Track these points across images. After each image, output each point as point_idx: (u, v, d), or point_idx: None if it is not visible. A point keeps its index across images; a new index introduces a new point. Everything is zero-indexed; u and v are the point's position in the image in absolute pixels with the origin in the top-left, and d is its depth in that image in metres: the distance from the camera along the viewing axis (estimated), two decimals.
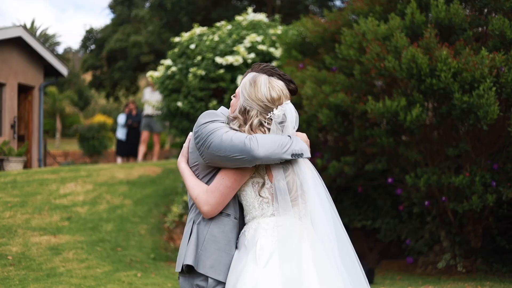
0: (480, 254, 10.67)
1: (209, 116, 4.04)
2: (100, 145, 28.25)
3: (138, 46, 29.40)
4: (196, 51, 12.85)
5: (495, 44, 9.32)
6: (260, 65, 4.22)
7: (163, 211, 13.30)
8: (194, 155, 4.06)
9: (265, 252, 3.84)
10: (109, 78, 31.83)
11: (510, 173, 9.23)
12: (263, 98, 3.93)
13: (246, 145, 3.79)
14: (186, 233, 4.08)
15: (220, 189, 3.93)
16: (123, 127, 21.85)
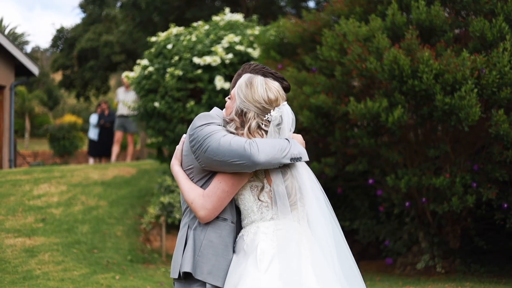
0: (458, 255, 10.73)
1: (205, 118, 3.95)
2: (71, 145, 27.96)
3: (109, 46, 29.16)
4: (173, 51, 12.75)
5: (475, 45, 9.37)
6: (251, 65, 4.17)
7: (139, 212, 13.17)
8: (188, 158, 3.98)
9: (266, 257, 3.78)
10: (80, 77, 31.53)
11: (490, 174, 9.28)
12: (260, 100, 3.87)
13: (246, 150, 3.72)
14: (181, 238, 3.99)
15: (217, 194, 3.85)
16: (95, 127, 21.64)
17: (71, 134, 27.96)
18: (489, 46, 9.25)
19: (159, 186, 13.06)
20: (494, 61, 8.86)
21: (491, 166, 9.24)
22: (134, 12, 20.27)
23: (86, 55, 30.37)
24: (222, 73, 12.36)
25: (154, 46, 13.49)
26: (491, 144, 9.28)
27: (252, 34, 12.95)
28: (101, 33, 29.53)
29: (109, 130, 21.34)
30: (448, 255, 10.70)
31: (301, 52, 11.24)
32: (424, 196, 9.85)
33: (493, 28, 9.13)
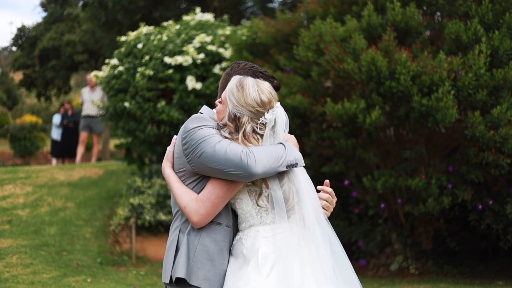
0: (431, 256, 10.78)
1: (198, 121, 3.84)
2: (32, 145, 27.48)
3: (71, 45, 28.80)
4: (144, 51, 12.59)
5: (450, 47, 9.43)
6: (240, 65, 4.06)
7: (107, 214, 12.97)
8: (180, 160, 3.87)
9: (268, 261, 3.71)
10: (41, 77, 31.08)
11: (465, 176, 9.33)
12: (254, 103, 3.76)
13: (242, 161, 3.62)
14: (172, 242, 3.88)
15: (211, 199, 3.75)
16: (58, 128, 21.32)
17: (32, 135, 27.47)
18: (464, 48, 9.31)
19: (128, 187, 12.88)
20: (470, 63, 8.92)
21: (467, 168, 9.30)
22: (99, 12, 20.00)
23: (47, 54, 29.94)
24: (193, 73, 12.23)
25: (123, 45, 13.30)
26: (467, 146, 9.34)
27: (223, 34, 12.86)
28: (63, 33, 29.15)
29: (72, 130, 21.04)
30: (420, 256, 10.75)
31: (274, 53, 11.19)
32: (399, 198, 9.87)
33: (468, 30, 9.20)
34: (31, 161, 27.20)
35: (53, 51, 29.67)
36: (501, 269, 10.57)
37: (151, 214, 12.01)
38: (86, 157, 23.09)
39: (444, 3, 9.64)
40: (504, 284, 9.71)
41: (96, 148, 18.99)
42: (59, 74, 30.16)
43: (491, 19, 9.35)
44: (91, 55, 30.41)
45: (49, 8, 31.71)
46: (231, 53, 12.27)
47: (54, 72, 30.15)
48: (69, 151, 21.00)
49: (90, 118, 18.20)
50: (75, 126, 21.02)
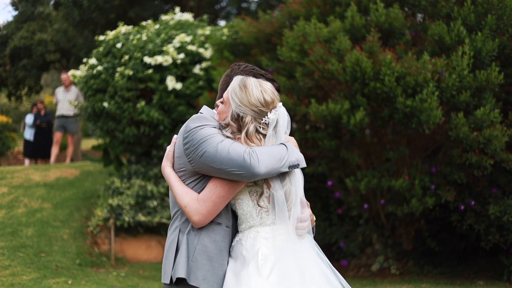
0: (411, 256, 10.83)
1: (199, 120, 3.81)
2: (3, 146, 27.12)
3: (43, 44, 28.47)
4: (123, 50, 12.47)
5: (433, 49, 9.48)
6: (240, 66, 4.05)
7: (85, 215, 12.83)
8: (181, 160, 3.85)
9: (268, 263, 3.70)
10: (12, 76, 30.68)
11: (448, 177, 9.39)
12: (257, 103, 3.75)
13: (245, 161, 3.61)
14: (171, 243, 3.85)
15: (212, 199, 3.73)
16: (30, 128, 21.06)
17: (3, 135, 27.10)
18: (447, 49, 9.36)
19: (105, 188, 12.77)
20: (454, 65, 8.98)
21: (450, 169, 9.35)
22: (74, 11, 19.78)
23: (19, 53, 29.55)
24: (173, 73, 12.16)
25: (102, 44, 13.17)
26: (450, 147, 9.39)
27: (203, 34, 12.79)
28: (34, 31, 28.80)
29: (45, 130, 20.80)
30: (401, 256, 10.79)
31: (256, 53, 11.15)
32: (381, 198, 9.90)
33: (451, 32, 9.26)
34: (2, 161, 26.84)
35: (24, 50, 29.30)
36: (480, 269, 10.66)
37: (130, 215, 11.92)
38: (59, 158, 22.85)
39: (427, 4, 9.69)
40: (485, 284, 9.78)
41: (70, 148, 18.79)
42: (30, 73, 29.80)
43: (473, 20, 9.42)
44: (62, 55, 30.08)
45: (20, 6, 31.31)
46: (211, 53, 12.22)
47: (25, 71, 29.78)
48: (42, 151, 20.75)
49: (64, 118, 18.00)
50: (48, 126, 20.78)
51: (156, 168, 12.51)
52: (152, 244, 12.37)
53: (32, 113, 21.61)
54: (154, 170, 12.45)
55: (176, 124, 12.36)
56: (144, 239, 12.37)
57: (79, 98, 17.20)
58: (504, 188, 9.65)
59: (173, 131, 12.36)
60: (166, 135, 12.25)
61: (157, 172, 12.46)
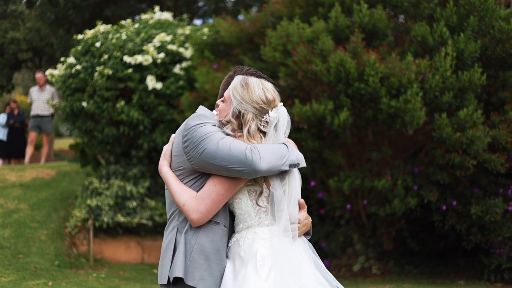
0: (392, 256, 10.88)
1: (199, 118, 3.79)
2: None
3: (15, 43, 28.14)
4: (102, 49, 12.35)
5: (416, 50, 9.52)
6: (243, 68, 4.04)
7: (62, 216, 12.68)
8: (180, 159, 3.81)
9: (266, 264, 3.67)
10: None
11: (431, 177, 9.44)
12: (259, 100, 3.74)
13: (247, 157, 3.59)
14: (169, 242, 3.81)
15: (212, 196, 3.70)
16: (3, 127, 20.77)
17: None
18: (429, 50, 9.41)
19: (83, 188, 12.64)
20: (437, 66, 9.03)
21: (432, 169, 9.40)
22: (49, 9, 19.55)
23: None
24: (153, 73, 12.07)
25: (80, 43, 13.03)
26: (433, 148, 9.45)
27: (183, 33, 12.72)
28: (7, 30, 28.46)
29: (19, 130, 20.54)
30: (382, 256, 10.84)
31: (238, 53, 11.11)
32: (364, 199, 9.92)
33: (434, 33, 9.31)
34: None
35: None
36: (460, 269, 10.74)
37: (109, 215, 11.80)
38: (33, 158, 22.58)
39: (409, 5, 9.73)
40: (465, 284, 9.86)
41: (46, 148, 18.56)
42: (2, 72, 29.43)
43: (455, 22, 9.48)
44: (35, 53, 29.77)
45: None
46: (191, 53, 12.15)
47: None
48: (16, 151, 20.47)
49: (39, 118, 17.79)
50: (21, 126, 20.52)
51: (136, 168, 12.41)
52: (131, 245, 12.28)
53: (5, 112, 21.32)
54: (133, 170, 12.35)
55: (156, 124, 12.28)
56: (123, 240, 12.27)
57: (54, 97, 17.02)
58: (485, 189, 9.74)
59: (153, 131, 12.28)
60: (145, 135, 12.16)
61: (136, 173, 12.36)
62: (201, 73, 10.94)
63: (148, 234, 12.29)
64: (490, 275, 9.93)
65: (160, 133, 12.07)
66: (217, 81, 10.39)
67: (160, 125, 12.19)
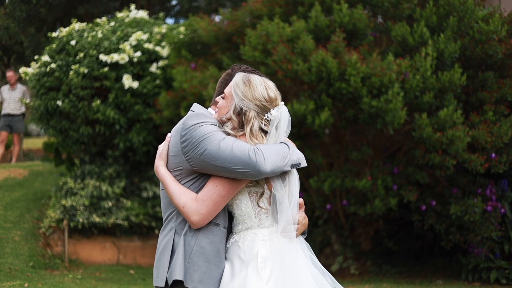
0: (369, 256, 10.89)
1: (197, 117, 3.70)
2: None
3: None
4: (77, 48, 12.18)
5: (396, 50, 9.54)
6: (241, 67, 4.00)
7: (36, 216, 12.49)
8: (177, 159, 3.72)
9: (268, 265, 3.63)
10: None
11: (411, 177, 9.46)
12: (261, 98, 3.68)
13: (251, 158, 3.53)
14: (166, 244, 3.73)
15: (213, 198, 3.63)
16: None
17: None
18: (409, 50, 9.43)
19: (57, 188, 12.47)
20: (417, 66, 9.05)
21: (412, 169, 9.43)
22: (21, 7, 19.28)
23: None
24: (130, 72, 11.93)
25: (54, 41, 12.84)
26: (413, 148, 9.47)
27: (160, 32, 12.60)
28: None
29: None
30: (360, 256, 10.85)
31: (216, 52, 11.03)
32: (344, 199, 9.91)
33: (415, 33, 9.33)
34: None
35: None
36: (437, 268, 10.79)
37: (84, 216, 11.66)
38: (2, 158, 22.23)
39: (389, 5, 9.74)
40: (444, 283, 9.91)
41: (17, 148, 18.25)
42: None
43: (435, 22, 9.52)
44: (4, 52, 29.35)
45: None
46: (168, 51, 12.04)
47: None
48: None
49: (11, 117, 17.50)
50: None
51: (111, 168, 12.27)
52: (106, 245, 12.14)
53: None
54: (109, 170, 12.20)
55: (132, 124, 12.15)
56: (99, 241, 12.12)
57: (25, 96, 16.76)
58: (464, 189, 9.79)
59: (129, 130, 12.14)
60: (122, 135, 12.02)
61: (112, 172, 12.22)
62: (179, 72, 10.84)
63: (123, 234, 12.16)
64: (468, 275, 9.99)
65: (136, 133, 11.95)
66: (195, 80, 10.31)
67: (137, 124, 12.05)
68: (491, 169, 9.30)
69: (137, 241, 12.33)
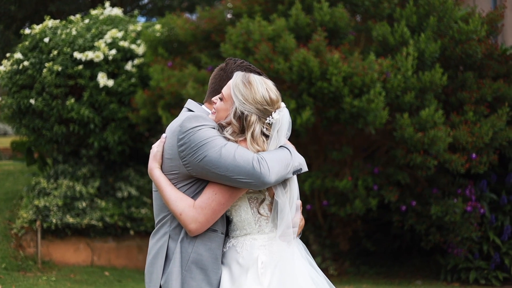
0: (347, 257, 10.86)
1: (196, 120, 3.49)
2: None
3: None
4: (51, 45, 11.95)
5: (377, 49, 9.49)
6: (236, 61, 3.77)
7: (7, 217, 12.23)
8: (174, 162, 3.52)
9: (268, 271, 3.50)
10: None
11: (391, 177, 9.43)
12: (263, 101, 3.48)
13: (255, 169, 3.36)
14: (160, 249, 3.56)
15: (212, 206, 3.46)
16: None
17: None
18: (390, 50, 9.40)
19: (29, 188, 12.22)
20: (399, 65, 9.01)
21: (393, 169, 9.39)
22: None
23: None
24: (104, 70, 11.72)
25: (27, 39, 12.57)
26: (394, 148, 9.44)
27: (135, 30, 12.40)
28: None
29: None
30: (338, 257, 10.80)
31: (193, 50, 10.89)
32: (324, 199, 9.85)
33: (395, 33, 9.30)
34: None
35: None
36: (415, 268, 10.81)
37: (58, 216, 11.44)
38: None
39: (369, 4, 9.69)
40: (422, 284, 9.92)
41: None
42: None
43: (415, 22, 9.51)
44: None
45: None
46: (144, 49, 11.85)
47: None
48: None
49: None
50: None
51: (85, 168, 12.06)
52: (80, 246, 11.92)
53: None
54: (82, 170, 11.99)
55: (107, 123, 11.94)
56: (72, 242, 11.89)
57: None
58: (443, 189, 9.79)
59: (103, 129, 11.94)
60: (96, 134, 11.81)
61: (86, 172, 12.01)
62: (156, 70, 10.68)
63: (98, 235, 11.95)
64: (447, 275, 10.01)
65: (111, 132, 11.75)
66: (173, 78, 10.16)
67: (111, 123, 11.85)
68: (472, 170, 9.31)
69: (112, 242, 12.13)
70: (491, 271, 9.86)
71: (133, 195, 12.00)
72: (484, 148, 9.26)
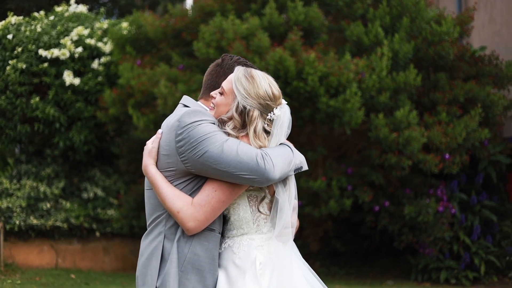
0: (318, 257, 10.84)
1: (195, 115, 3.35)
2: None
3: None
4: (14, 42, 11.66)
5: (351, 49, 9.48)
6: (232, 58, 3.66)
7: None
8: (170, 159, 3.38)
9: (267, 271, 3.40)
10: None
11: (365, 178, 9.42)
12: (265, 96, 3.37)
13: (259, 165, 3.24)
14: (154, 249, 3.42)
15: (211, 203, 3.33)
16: None
17: None
18: (364, 50, 9.39)
19: None
20: (374, 66, 9.01)
21: (367, 170, 9.38)
22: None
23: None
24: (70, 68, 11.47)
25: None
26: (367, 148, 9.44)
27: (101, 27, 12.17)
28: None
29: None
30: (308, 257, 10.75)
31: (164, 48, 10.72)
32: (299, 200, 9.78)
33: (369, 33, 9.30)
34: None
35: None
36: (385, 269, 10.83)
37: (21, 218, 11.18)
38: None
39: (343, 4, 9.67)
40: (394, 284, 9.93)
41: None
42: None
43: (388, 22, 9.53)
44: None
45: None
46: (111, 47, 11.63)
47: None
48: None
49: None
50: None
51: (49, 168, 11.79)
52: (44, 248, 11.66)
53: None
54: (47, 170, 11.72)
55: (73, 122, 11.69)
56: (36, 244, 11.63)
57: None
58: (416, 189, 9.82)
59: (69, 129, 11.69)
60: (62, 133, 11.55)
61: (50, 173, 11.75)
62: (126, 68, 10.48)
63: (62, 237, 11.70)
64: (418, 275, 10.05)
65: (77, 131, 11.50)
66: (144, 77, 9.98)
67: (77, 122, 11.60)
68: (445, 170, 9.37)
69: (77, 244, 11.89)
70: (461, 271, 9.93)
71: (99, 195, 11.78)
72: (457, 148, 9.31)
